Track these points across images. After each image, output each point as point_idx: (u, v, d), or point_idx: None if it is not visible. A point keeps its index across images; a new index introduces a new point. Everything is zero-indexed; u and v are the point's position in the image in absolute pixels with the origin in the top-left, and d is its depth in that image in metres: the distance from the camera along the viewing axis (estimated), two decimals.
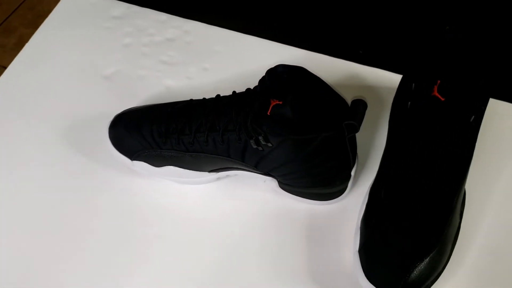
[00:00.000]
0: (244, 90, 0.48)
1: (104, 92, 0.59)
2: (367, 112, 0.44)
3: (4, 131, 0.56)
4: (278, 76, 0.44)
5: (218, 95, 0.49)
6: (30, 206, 0.52)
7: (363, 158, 0.54)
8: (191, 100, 0.50)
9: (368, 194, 0.48)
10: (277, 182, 0.50)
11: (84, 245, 0.49)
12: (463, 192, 0.48)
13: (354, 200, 0.51)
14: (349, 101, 0.45)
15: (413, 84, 0.46)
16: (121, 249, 0.49)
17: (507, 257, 0.48)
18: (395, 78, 0.57)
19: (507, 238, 0.49)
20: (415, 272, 0.43)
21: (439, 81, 0.45)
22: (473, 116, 0.45)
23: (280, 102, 0.43)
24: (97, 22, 0.66)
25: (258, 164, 0.46)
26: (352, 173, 0.48)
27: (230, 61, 0.62)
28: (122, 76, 0.61)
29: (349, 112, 0.42)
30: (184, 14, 0.66)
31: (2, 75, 0.60)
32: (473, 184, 0.52)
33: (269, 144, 0.43)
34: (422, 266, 0.43)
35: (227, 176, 0.52)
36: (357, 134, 0.51)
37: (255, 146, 0.44)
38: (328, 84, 0.45)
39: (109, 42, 0.64)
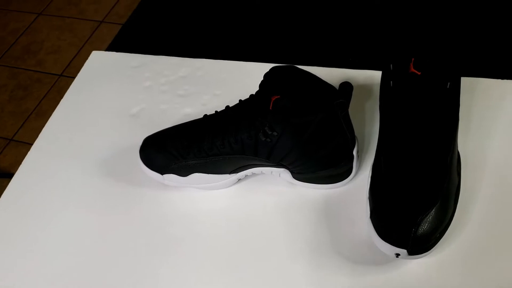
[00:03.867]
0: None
1: (133, 127, 0.68)
2: (363, 106, 0.50)
3: (59, 173, 0.65)
4: (274, 76, 0.52)
5: (227, 106, 0.57)
6: (82, 228, 0.59)
7: (366, 144, 0.60)
8: (205, 115, 0.58)
9: (371, 170, 0.54)
10: (290, 173, 0.56)
11: (131, 252, 0.56)
12: (456, 152, 0.53)
13: (362, 180, 0.57)
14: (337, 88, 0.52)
15: (391, 65, 0.53)
16: (163, 251, 0.55)
17: (506, 207, 0.53)
18: None
19: (504, 192, 0.54)
20: (422, 225, 0.47)
21: (413, 59, 0.52)
22: (449, 83, 0.51)
23: (279, 96, 0.50)
24: (120, 73, 0.76)
25: (270, 155, 0.53)
26: (354, 153, 0.54)
27: (237, 84, 0.71)
28: (146, 112, 0.70)
29: (337, 94, 0.49)
30: (192, 56, 0.76)
31: (46, 126, 0.70)
32: (468, 148, 0.58)
33: (275, 133, 0.50)
34: (427, 219, 0.48)
35: (246, 176, 0.59)
36: (357, 126, 0.57)
37: (263, 139, 0.51)
38: (318, 76, 0.52)
39: (132, 87, 0.73)
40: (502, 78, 0.64)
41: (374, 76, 0.67)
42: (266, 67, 0.72)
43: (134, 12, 0.94)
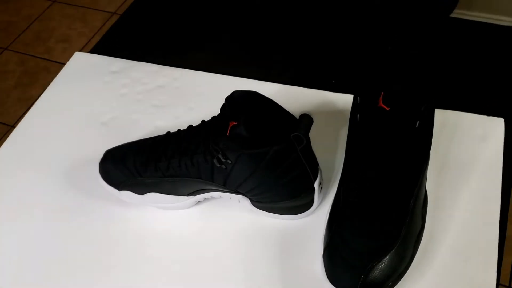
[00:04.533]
0: None
1: (101, 136, 0.66)
2: (339, 133, 0.47)
3: (17, 178, 0.64)
4: (235, 101, 0.49)
5: (190, 125, 0.54)
6: (37, 241, 0.57)
7: (334, 176, 0.58)
8: (168, 132, 0.56)
9: (331, 204, 0.51)
10: (249, 200, 0.54)
11: (83, 269, 0.54)
12: (422, 195, 0.50)
13: (325, 214, 0.54)
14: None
15: (358, 98, 0.50)
16: (115, 270, 0.54)
17: (474, 257, 0.49)
18: None
19: (472, 239, 0.51)
20: (373, 272, 0.45)
21: (382, 93, 0.49)
22: (418, 121, 0.48)
23: (236, 123, 0.48)
24: (98, 78, 0.74)
25: (226, 182, 0.51)
26: (316, 185, 0.52)
27: (213, 99, 0.68)
28: (117, 121, 0.68)
29: (295, 126, 0.47)
30: (173, 64, 0.74)
31: (15, 129, 0.69)
32: (439, 188, 0.54)
33: (229, 161, 0.48)
34: (380, 266, 0.45)
35: (205, 199, 0.56)
36: (326, 155, 0.55)
37: (218, 165, 0.49)
38: (280, 105, 0.50)
39: (108, 93, 0.72)
40: (484, 114, 0.61)
41: None
42: (245, 82, 0.70)
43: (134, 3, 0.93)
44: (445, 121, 0.60)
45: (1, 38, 2.04)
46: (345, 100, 0.65)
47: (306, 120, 0.47)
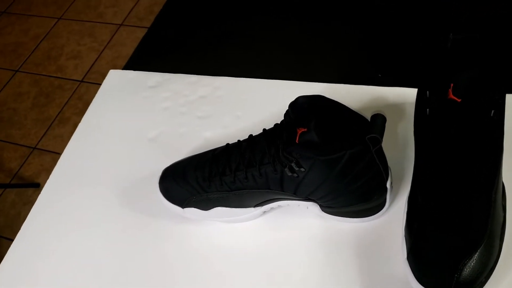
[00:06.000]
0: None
1: (151, 152, 0.65)
2: (396, 127, 0.46)
3: (73, 200, 0.63)
4: (300, 107, 0.48)
5: (250, 135, 0.53)
6: (98, 261, 0.57)
7: (399, 172, 0.56)
8: (227, 144, 0.54)
9: (407, 202, 0.50)
10: (319, 206, 0.53)
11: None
12: (501, 185, 0.48)
13: (397, 212, 0.53)
14: (369, 118, 0.48)
15: (427, 91, 0.48)
16: None
17: None
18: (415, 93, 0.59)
19: None
20: (465, 269, 0.43)
21: (452, 84, 0.47)
22: (493, 110, 0.47)
23: (305, 129, 0.46)
24: (137, 94, 0.73)
25: (297, 190, 0.49)
26: (388, 185, 0.50)
27: (259, 105, 0.67)
28: (165, 135, 0.67)
29: (369, 126, 0.45)
30: (211, 73, 0.73)
31: (62, 155, 0.68)
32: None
33: (302, 169, 0.47)
34: (471, 263, 0.44)
35: (272, 208, 0.55)
36: (389, 150, 0.53)
37: (290, 174, 0.48)
38: (347, 105, 0.48)
39: (149, 108, 0.70)
40: None
41: (406, 94, 0.62)
42: (289, 85, 0.68)
43: (158, 16, 0.91)
44: (507, 106, 0.59)
45: (11, 60, 2.04)
46: (395, 93, 0.63)
47: (380, 120, 0.45)
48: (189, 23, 0.86)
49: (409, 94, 0.61)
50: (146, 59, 0.83)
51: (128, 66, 0.79)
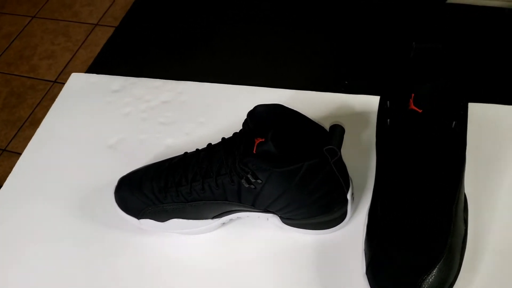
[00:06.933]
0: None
1: (109, 160, 0.63)
2: (360, 136, 0.45)
3: (26, 211, 0.60)
4: (258, 115, 0.46)
5: (209, 144, 0.51)
6: (48, 274, 0.54)
7: (362, 182, 0.55)
8: (185, 153, 0.52)
9: (367, 215, 0.48)
10: (279, 218, 0.51)
11: None
12: (462, 198, 0.47)
13: (359, 224, 0.52)
14: (328, 129, 0.46)
15: (388, 101, 0.47)
16: None
17: None
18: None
19: None
20: (424, 285, 0.42)
21: (413, 95, 0.46)
22: (455, 122, 0.46)
23: (263, 139, 0.45)
24: (99, 98, 0.70)
25: (255, 202, 0.48)
26: (349, 196, 0.49)
27: (224, 111, 0.65)
28: (124, 143, 0.64)
29: (327, 137, 0.44)
30: (176, 77, 0.71)
31: (20, 158, 0.65)
32: (477, 188, 0.52)
33: (259, 181, 0.45)
34: (430, 279, 0.42)
35: (231, 220, 0.53)
36: (352, 159, 0.52)
37: (247, 185, 0.46)
38: (306, 115, 0.47)
39: (111, 114, 0.68)
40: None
41: (371, 102, 0.61)
42: (254, 91, 0.67)
43: (127, 14, 0.89)
44: (471, 115, 0.58)
45: None
46: (361, 101, 0.62)
47: (338, 131, 0.44)
48: (157, 26, 0.84)
49: (374, 102, 0.60)
50: (112, 61, 0.81)
51: (91, 69, 0.76)
